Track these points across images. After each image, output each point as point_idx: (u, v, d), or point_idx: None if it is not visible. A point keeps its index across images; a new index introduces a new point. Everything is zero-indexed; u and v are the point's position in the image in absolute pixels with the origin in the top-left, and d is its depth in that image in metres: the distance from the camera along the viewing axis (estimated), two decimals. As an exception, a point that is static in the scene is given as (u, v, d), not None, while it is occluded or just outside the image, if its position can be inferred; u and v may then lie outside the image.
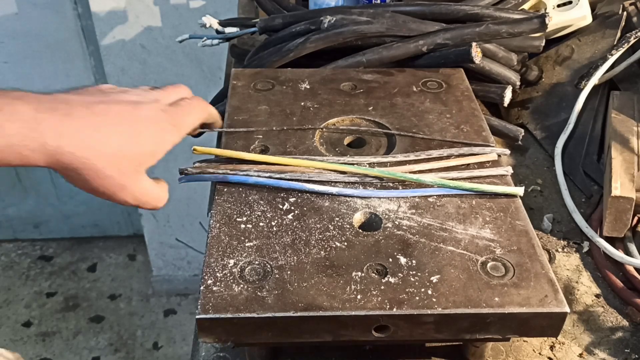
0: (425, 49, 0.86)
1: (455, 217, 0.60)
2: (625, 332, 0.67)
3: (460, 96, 0.79)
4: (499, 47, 0.91)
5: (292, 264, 0.55)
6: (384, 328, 0.52)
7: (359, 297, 0.52)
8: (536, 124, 0.94)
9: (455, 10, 0.90)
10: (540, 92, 0.98)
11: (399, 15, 0.90)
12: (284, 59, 0.87)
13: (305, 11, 0.99)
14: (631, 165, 0.77)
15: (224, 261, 0.55)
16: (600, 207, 0.79)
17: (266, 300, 0.52)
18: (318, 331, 0.52)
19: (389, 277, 0.54)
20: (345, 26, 0.87)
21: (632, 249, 0.74)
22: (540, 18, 0.86)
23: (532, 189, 0.85)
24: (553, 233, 0.79)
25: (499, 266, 0.55)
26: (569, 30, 1.02)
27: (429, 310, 0.51)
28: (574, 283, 0.73)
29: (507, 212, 0.61)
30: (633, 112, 0.86)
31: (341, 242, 0.57)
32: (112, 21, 1.79)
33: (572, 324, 0.68)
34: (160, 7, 1.76)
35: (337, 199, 0.62)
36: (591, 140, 0.89)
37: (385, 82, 0.81)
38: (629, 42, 0.91)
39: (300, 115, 0.74)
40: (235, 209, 0.61)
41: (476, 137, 0.71)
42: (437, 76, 0.83)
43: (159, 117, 0.57)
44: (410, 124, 0.73)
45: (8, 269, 2.49)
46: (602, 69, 0.91)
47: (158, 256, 2.32)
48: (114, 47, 1.84)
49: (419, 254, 0.56)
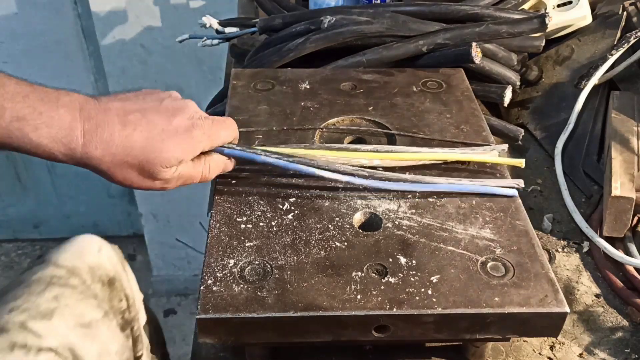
0: (425, 49, 0.86)
1: (455, 217, 0.60)
2: (625, 332, 0.67)
3: (460, 96, 0.79)
4: (499, 47, 0.91)
5: (292, 264, 0.55)
6: (384, 328, 0.52)
7: (359, 297, 0.52)
8: (536, 124, 0.94)
9: (455, 10, 0.90)
10: (540, 92, 0.98)
11: (399, 15, 0.90)
12: (284, 59, 0.87)
13: (305, 11, 0.99)
14: (631, 165, 0.77)
15: (224, 261, 0.55)
16: (600, 207, 0.79)
17: (266, 300, 0.52)
18: (318, 331, 0.52)
19: (389, 277, 0.54)
20: (345, 26, 0.87)
21: (632, 249, 0.74)
22: (540, 18, 0.86)
23: (532, 189, 0.85)
24: (553, 233, 0.79)
25: (499, 266, 0.55)
26: (569, 30, 1.02)
27: (429, 310, 0.51)
28: (574, 283, 0.73)
29: (507, 212, 0.61)
30: (633, 112, 0.86)
31: (341, 242, 0.57)
32: (112, 21, 1.79)
33: (572, 324, 0.68)
34: (160, 7, 1.76)
35: (337, 199, 0.62)
36: (591, 140, 0.89)
37: (385, 82, 0.81)
38: (629, 42, 0.91)
39: (300, 115, 0.74)
40: (235, 209, 0.61)
41: (476, 137, 0.71)
42: (437, 76, 0.83)
43: (192, 126, 0.58)
44: (410, 124, 0.73)
45: (8, 269, 2.48)
46: (602, 69, 0.91)
47: (158, 256, 2.31)
48: (114, 47, 1.84)
49: (419, 254, 0.56)
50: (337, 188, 0.64)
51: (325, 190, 0.63)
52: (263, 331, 0.52)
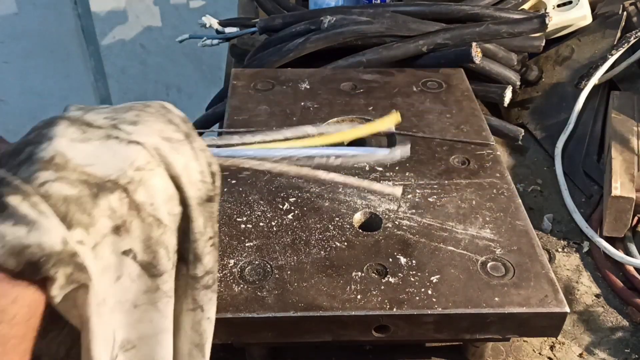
0: (425, 49, 0.86)
1: (455, 217, 0.60)
2: (625, 332, 0.67)
3: (460, 96, 0.79)
4: (499, 47, 0.91)
5: (292, 264, 0.55)
6: (384, 328, 0.52)
7: (359, 297, 0.52)
8: (536, 124, 0.94)
9: (455, 10, 0.90)
10: (540, 92, 0.98)
11: (399, 15, 0.90)
12: (284, 59, 0.87)
13: (305, 11, 0.99)
14: (631, 165, 0.77)
15: (224, 261, 0.55)
16: (600, 207, 0.79)
17: (266, 300, 0.52)
18: (318, 331, 0.52)
19: (389, 277, 0.54)
20: (345, 26, 0.87)
21: (632, 249, 0.74)
22: (540, 18, 0.86)
23: (532, 189, 0.85)
24: (553, 233, 0.79)
25: (499, 266, 0.55)
26: (569, 30, 1.02)
27: (429, 310, 0.51)
28: (574, 283, 0.73)
29: (507, 212, 0.61)
30: (633, 112, 0.86)
31: (341, 242, 0.57)
32: (112, 21, 1.79)
33: (572, 324, 0.68)
34: (160, 7, 1.76)
35: (337, 199, 0.62)
36: (591, 140, 0.89)
37: (385, 82, 0.81)
38: (629, 42, 0.91)
39: (300, 115, 0.74)
40: (235, 209, 0.61)
41: (476, 137, 0.71)
42: (437, 76, 0.83)
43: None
44: (410, 124, 0.73)
45: (8, 269, 2.48)
46: (602, 69, 0.91)
47: (158, 256, 2.31)
48: (114, 47, 1.84)
49: (419, 254, 0.56)
50: (337, 188, 0.63)
51: (325, 191, 0.63)
52: (263, 331, 0.52)
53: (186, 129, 0.44)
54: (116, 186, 0.39)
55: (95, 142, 0.40)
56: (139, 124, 0.42)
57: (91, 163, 0.38)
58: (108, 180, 0.38)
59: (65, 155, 0.38)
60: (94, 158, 0.39)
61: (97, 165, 0.38)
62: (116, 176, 0.39)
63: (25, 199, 0.35)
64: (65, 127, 0.40)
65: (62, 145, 0.38)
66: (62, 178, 0.37)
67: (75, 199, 0.37)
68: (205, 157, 0.45)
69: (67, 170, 0.37)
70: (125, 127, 0.41)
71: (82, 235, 0.37)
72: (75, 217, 0.36)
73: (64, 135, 0.39)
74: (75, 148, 0.38)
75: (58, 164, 0.37)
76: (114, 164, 0.39)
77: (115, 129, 0.41)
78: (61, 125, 0.40)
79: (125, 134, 0.41)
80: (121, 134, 0.40)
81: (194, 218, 0.43)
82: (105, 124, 0.41)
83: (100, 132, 0.40)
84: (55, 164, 0.37)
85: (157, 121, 0.43)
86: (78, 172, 0.38)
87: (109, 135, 0.40)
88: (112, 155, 0.39)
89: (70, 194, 0.37)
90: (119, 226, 0.39)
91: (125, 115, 0.43)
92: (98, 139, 0.40)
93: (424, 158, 0.68)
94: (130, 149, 0.40)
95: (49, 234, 0.35)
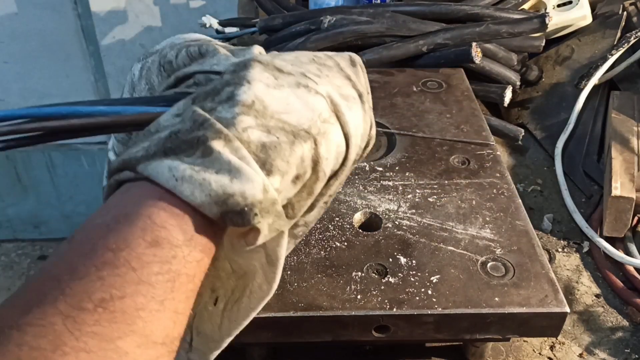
0: (425, 49, 0.86)
1: (455, 217, 0.60)
2: (625, 332, 0.67)
3: (460, 96, 0.79)
4: (499, 47, 0.91)
5: (292, 264, 0.55)
6: (384, 328, 0.52)
7: (359, 297, 0.52)
8: (536, 124, 0.94)
9: (455, 10, 0.90)
10: (540, 92, 0.98)
11: (399, 15, 0.90)
12: (284, 59, 0.87)
13: (305, 11, 0.99)
14: (631, 165, 0.77)
15: (224, 261, 0.55)
16: (600, 207, 0.79)
17: (266, 300, 0.52)
18: (318, 331, 0.52)
19: (389, 277, 0.54)
20: (345, 26, 0.87)
21: (632, 249, 0.74)
22: (540, 18, 0.86)
23: (532, 189, 0.85)
24: (553, 233, 0.79)
25: (499, 266, 0.55)
26: (569, 30, 1.02)
27: (429, 310, 0.51)
28: (574, 283, 0.73)
29: (507, 212, 0.61)
30: (633, 112, 0.86)
31: (341, 242, 0.57)
32: (112, 21, 1.79)
33: (572, 324, 0.68)
34: (160, 7, 1.76)
35: (337, 199, 0.62)
36: (591, 140, 0.89)
37: (385, 82, 0.81)
38: (629, 42, 0.91)
39: (300, 115, 0.74)
40: (235, 209, 0.61)
41: (476, 137, 0.71)
42: (437, 76, 0.83)
43: None
44: (410, 124, 0.73)
45: (8, 269, 2.48)
46: (602, 69, 0.91)
47: (158, 256, 2.31)
48: (114, 47, 1.84)
49: (419, 254, 0.56)
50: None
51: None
52: (263, 331, 0.52)
53: (360, 87, 0.44)
54: (309, 136, 0.39)
55: (287, 89, 0.39)
56: (321, 77, 0.42)
57: (286, 111, 0.38)
58: (302, 129, 0.38)
59: (264, 101, 0.38)
60: (287, 105, 0.39)
61: (291, 113, 0.38)
62: (308, 125, 0.39)
63: (227, 145, 0.35)
64: (260, 71, 0.40)
65: (260, 91, 0.38)
66: (262, 125, 0.37)
67: (275, 145, 0.37)
68: (370, 118, 0.44)
69: (265, 117, 0.37)
70: (312, 77, 0.41)
71: (279, 182, 0.37)
72: (275, 164, 0.37)
73: (260, 79, 0.39)
74: (270, 94, 0.38)
75: (258, 110, 0.37)
76: (305, 114, 0.39)
77: (304, 77, 0.41)
78: (257, 69, 0.39)
79: (313, 83, 0.41)
80: (310, 83, 0.40)
81: (338, 177, 0.43)
82: (294, 70, 0.41)
83: (291, 79, 0.40)
84: (256, 109, 0.37)
85: (336, 76, 0.43)
86: (275, 119, 0.38)
87: (298, 83, 0.40)
88: (304, 104, 0.39)
89: (269, 141, 0.37)
90: (299, 176, 0.39)
91: (309, 67, 0.42)
92: (289, 87, 0.40)
93: (424, 158, 0.68)
94: (317, 100, 0.40)
95: (251, 182, 0.35)
